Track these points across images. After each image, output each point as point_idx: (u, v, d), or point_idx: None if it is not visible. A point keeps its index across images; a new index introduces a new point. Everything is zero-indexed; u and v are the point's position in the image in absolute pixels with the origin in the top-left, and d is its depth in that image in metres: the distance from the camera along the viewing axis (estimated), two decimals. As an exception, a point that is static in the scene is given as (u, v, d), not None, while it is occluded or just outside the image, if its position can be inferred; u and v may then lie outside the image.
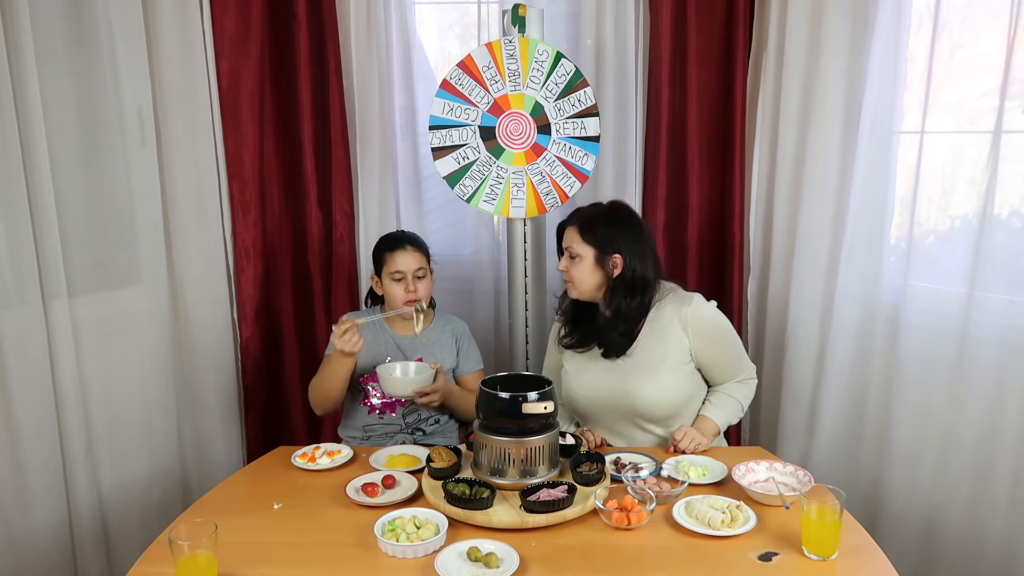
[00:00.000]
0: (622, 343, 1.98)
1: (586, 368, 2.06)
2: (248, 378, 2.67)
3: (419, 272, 2.15)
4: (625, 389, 1.99)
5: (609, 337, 1.99)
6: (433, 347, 2.22)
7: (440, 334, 2.25)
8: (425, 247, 2.21)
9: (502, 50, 2.22)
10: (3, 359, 2.03)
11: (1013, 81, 1.98)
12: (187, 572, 1.39)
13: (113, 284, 2.34)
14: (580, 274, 1.98)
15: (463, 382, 2.25)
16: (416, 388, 2.02)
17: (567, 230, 2.03)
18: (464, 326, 2.30)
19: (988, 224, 2.04)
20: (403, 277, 2.13)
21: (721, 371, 2.06)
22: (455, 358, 2.25)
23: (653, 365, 1.98)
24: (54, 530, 2.17)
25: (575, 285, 2.01)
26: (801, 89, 2.37)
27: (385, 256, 2.16)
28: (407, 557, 1.48)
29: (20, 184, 2.01)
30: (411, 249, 2.16)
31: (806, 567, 1.45)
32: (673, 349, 1.98)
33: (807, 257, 2.41)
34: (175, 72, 2.38)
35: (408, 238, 2.20)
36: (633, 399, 1.99)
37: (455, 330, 2.27)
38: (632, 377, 1.99)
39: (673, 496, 1.67)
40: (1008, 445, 2.06)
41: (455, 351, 2.25)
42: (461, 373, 2.26)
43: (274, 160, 2.62)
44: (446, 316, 2.30)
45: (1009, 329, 2.04)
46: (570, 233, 2.01)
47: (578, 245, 1.98)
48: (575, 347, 2.07)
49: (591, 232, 1.98)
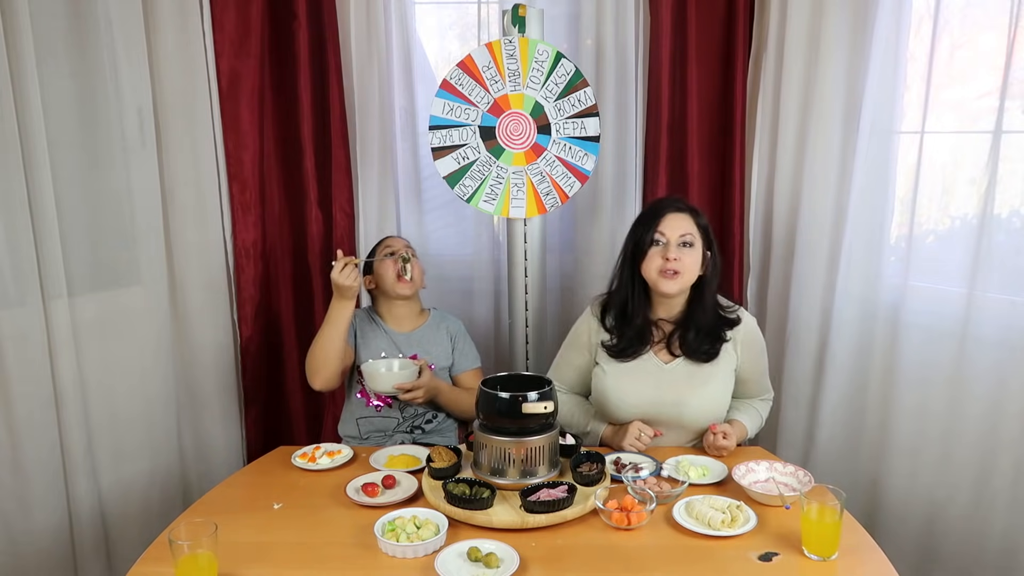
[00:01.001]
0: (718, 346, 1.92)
1: (628, 373, 1.96)
2: (248, 378, 2.67)
3: (408, 251, 2.20)
4: (677, 399, 1.93)
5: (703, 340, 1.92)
6: (427, 344, 2.22)
7: (435, 332, 2.25)
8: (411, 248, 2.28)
9: (502, 50, 2.22)
10: (3, 359, 2.03)
11: (1013, 81, 1.98)
12: (187, 572, 1.39)
13: (113, 284, 2.34)
14: (694, 264, 1.88)
15: (459, 380, 2.25)
16: (396, 384, 2.04)
17: (674, 216, 1.89)
18: (459, 324, 2.30)
19: (988, 224, 2.04)
20: (394, 252, 2.17)
21: (751, 387, 2.06)
22: (450, 356, 2.24)
23: (706, 375, 1.94)
24: (54, 530, 2.17)
25: (685, 276, 1.87)
26: (801, 89, 2.37)
27: (377, 248, 2.22)
28: (407, 557, 1.48)
29: (20, 184, 2.01)
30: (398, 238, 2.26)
31: (806, 567, 1.45)
32: (725, 361, 1.96)
33: (807, 257, 2.41)
34: (175, 72, 2.38)
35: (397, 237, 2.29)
36: (683, 409, 1.93)
37: (450, 328, 2.27)
38: (684, 387, 1.93)
39: (673, 496, 1.67)
40: (1008, 445, 2.06)
41: (450, 349, 2.25)
42: (457, 371, 2.26)
43: (274, 160, 2.62)
44: (442, 314, 2.31)
45: (1009, 329, 2.04)
46: (682, 219, 1.89)
47: (695, 232, 1.89)
48: (624, 356, 1.96)
49: (701, 219, 1.91)
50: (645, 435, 1.92)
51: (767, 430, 2.57)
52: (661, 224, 1.89)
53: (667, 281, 1.88)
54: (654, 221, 1.91)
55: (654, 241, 1.89)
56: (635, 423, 1.93)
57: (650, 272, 1.90)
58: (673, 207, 1.92)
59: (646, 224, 1.92)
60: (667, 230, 1.88)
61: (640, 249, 1.92)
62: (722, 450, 1.89)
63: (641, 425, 1.93)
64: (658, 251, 1.89)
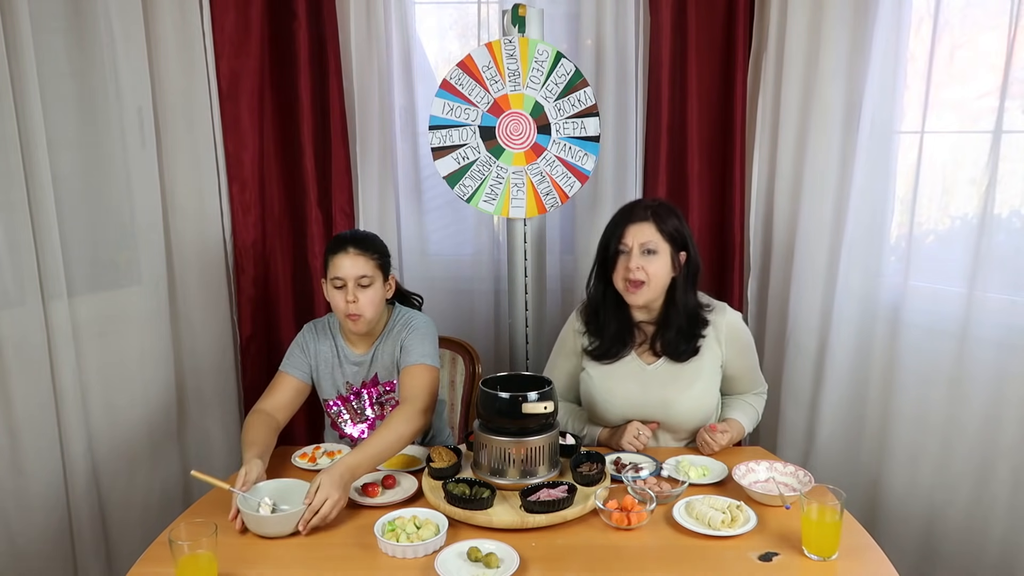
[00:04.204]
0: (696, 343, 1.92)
1: (612, 375, 1.98)
2: (248, 378, 2.67)
3: (363, 280, 1.87)
4: (663, 399, 1.94)
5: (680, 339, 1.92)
6: (385, 359, 2.00)
7: (389, 343, 1.99)
8: (378, 250, 1.93)
9: (502, 50, 2.22)
10: (3, 359, 2.03)
11: (1013, 81, 1.98)
12: (187, 572, 1.39)
13: (113, 284, 2.34)
14: (657, 271, 1.87)
15: (401, 375, 1.93)
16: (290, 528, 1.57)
17: (637, 226, 1.88)
18: (419, 323, 1.98)
19: (988, 224, 2.04)
20: (344, 285, 1.87)
21: (741, 383, 2.06)
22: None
23: (691, 375, 1.95)
24: (54, 530, 2.17)
25: (651, 284, 1.87)
26: (801, 89, 2.37)
27: (328, 259, 1.91)
28: (407, 557, 1.48)
29: (20, 184, 2.01)
30: (354, 252, 1.87)
31: (806, 567, 1.45)
32: (709, 359, 1.96)
33: (807, 257, 2.41)
34: (175, 72, 2.38)
35: (354, 239, 1.91)
36: (669, 409, 1.94)
37: (400, 334, 1.97)
38: (670, 387, 1.94)
39: (673, 496, 1.67)
40: (1008, 445, 2.06)
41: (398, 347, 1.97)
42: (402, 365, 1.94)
43: (274, 160, 2.62)
44: (403, 319, 2.00)
45: (1009, 329, 2.04)
46: (645, 228, 1.87)
47: (658, 240, 1.87)
48: (606, 358, 1.97)
49: (666, 225, 1.88)
50: (644, 434, 1.92)
51: (767, 430, 2.58)
52: (624, 234, 1.89)
53: (631, 294, 1.90)
54: (616, 230, 1.91)
55: (618, 251, 1.90)
56: (633, 422, 1.94)
57: (618, 282, 1.93)
58: (635, 216, 1.90)
59: (611, 232, 1.93)
60: (629, 239, 1.88)
61: (608, 256, 1.93)
62: (711, 446, 1.89)
63: (639, 424, 1.93)
64: (623, 260, 1.90)
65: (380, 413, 2.06)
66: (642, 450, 1.92)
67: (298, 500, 1.60)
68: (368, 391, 2.04)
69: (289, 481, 1.71)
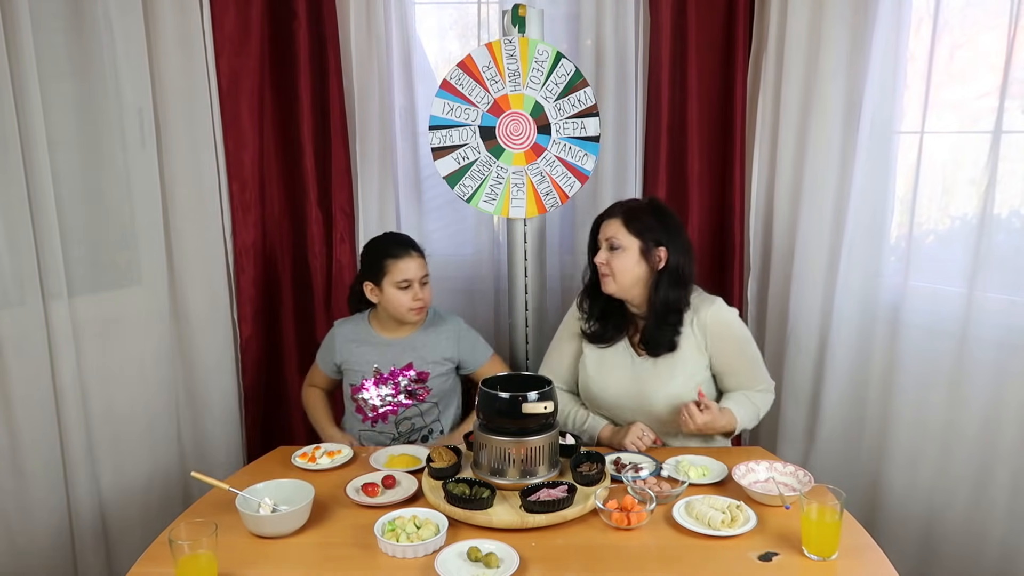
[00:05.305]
0: (670, 337, 1.97)
1: (605, 362, 2.06)
2: (248, 378, 2.67)
3: (424, 279, 2.13)
4: (643, 391, 1.99)
5: (655, 332, 1.97)
6: (423, 349, 2.17)
7: (431, 335, 2.19)
8: (423, 251, 2.18)
9: (502, 50, 2.22)
10: (3, 359, 2.03)
11: (1013, 81, 1.98)
12: (187, 572, 1.39)
13: (113, 284, 2.34)
14: (623, 265, 1.96)
15: (479, 376, 2.15)
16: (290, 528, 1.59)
17: (607, 222, 2.00)
18: (458, 321, 2.25)
19: (988, 224, 2.04)
20: (410, 285, 2.09)
21: (736, 378, 2.05)
22: (455, 357, 2.21)
23: (670, 370, 1.98)
24: (54, 530, 2.17)
25: (615, 278, 1.98)
26: (801, 89, 2.37)
27: (387, 264, 2.10)
28: (407, 557, 1.48)
29: (20, 184, 2.01)
30: (415, 255, 2.13)
31: (806, 567, 1.45)
32: (691, 353, 1.98)
33: (807, 257, 2.41)
34: (175, 72, 2.37)
35: (411, 243, 2.16)
36: (650, 402, 1.99)
37: (449, 329, 2.21)
38: (649, 382, 1.99)
39: (673, 496, 1.67)
40: (1008, 445, 2.06)
41: (455, 351, 2.21)
42: (474, 368, 2.23)
43: (274, 160, 2.62)
44: (439, 315, 2.25)
45: (1009, 329, 2.04)
46: (612, 224, 1.99)
47: (623, 236, 1.97)
48: (600, 341, 2.06)
49: (636, 223, 1.97)
50: (647, 436, 1.95)
51: (767, 430, 2.58)
52: (598, 230, 2.04)
53: (603, 284, 2.01)
54: (594, 226, 2.06)
55: (595, 247, 2.04)
56: (637, 424, 1.98)
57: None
58: (609, 212, 2.03)
59: (592, 227, 2.07)
60: (601, 235, 2.02)
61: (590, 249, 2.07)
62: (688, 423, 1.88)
63: (643, 427, 1.96)
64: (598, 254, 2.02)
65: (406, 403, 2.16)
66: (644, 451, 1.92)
67: (298, 500, 1.61)
68: (403, 374, 2.14)
69: (289, 481, 1.72)
